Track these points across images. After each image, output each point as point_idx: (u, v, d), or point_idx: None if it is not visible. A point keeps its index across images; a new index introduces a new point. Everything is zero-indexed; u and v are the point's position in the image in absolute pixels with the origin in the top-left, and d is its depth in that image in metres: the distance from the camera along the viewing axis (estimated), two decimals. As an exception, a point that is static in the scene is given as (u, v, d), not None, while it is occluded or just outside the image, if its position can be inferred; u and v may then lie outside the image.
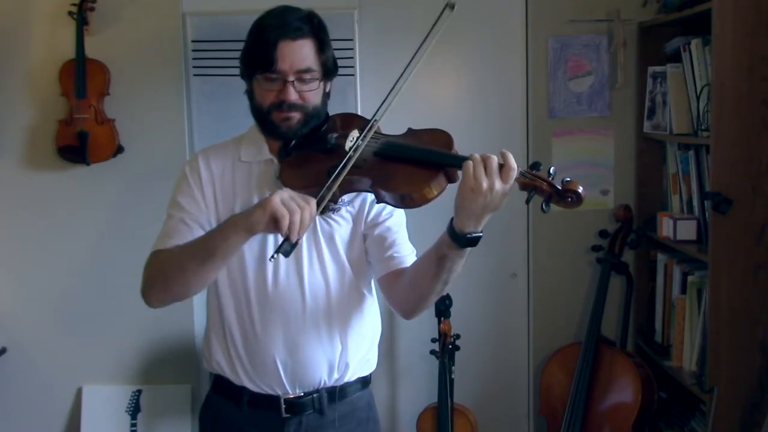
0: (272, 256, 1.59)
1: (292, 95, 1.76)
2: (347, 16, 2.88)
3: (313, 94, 1.80)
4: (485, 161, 1.55)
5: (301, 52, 1.76)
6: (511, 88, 3.07)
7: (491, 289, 3.13)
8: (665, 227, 2.77)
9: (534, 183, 1.58)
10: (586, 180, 3.01)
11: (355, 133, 1.79)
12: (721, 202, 2.31)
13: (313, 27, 1.80)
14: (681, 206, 2.79)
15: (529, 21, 3.02)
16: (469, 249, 1.64)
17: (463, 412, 2.99)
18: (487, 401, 3.15)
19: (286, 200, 1.59)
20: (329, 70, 1.84)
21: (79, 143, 2.83)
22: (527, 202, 1.61)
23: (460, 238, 1.60)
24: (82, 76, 2.82)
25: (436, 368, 2.90)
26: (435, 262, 1.68)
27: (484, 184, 1.53)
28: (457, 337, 2.89)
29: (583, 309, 3.08)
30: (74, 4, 2.82)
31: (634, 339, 3.08)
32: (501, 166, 1.55)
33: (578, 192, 1.57)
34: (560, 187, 1.57)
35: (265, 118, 1.80)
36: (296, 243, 1.59)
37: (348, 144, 1.77)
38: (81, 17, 2.81)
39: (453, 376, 2.89)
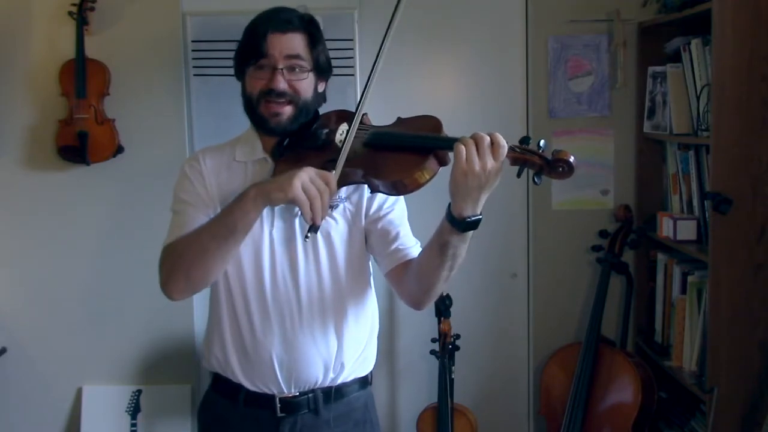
0: (306, 238, 1.68)
1: (281, 83, 1.77)
2: (347, 16, 2.87)
3: (303, 85, 1.80)
4: (477, 141, 1.54)
5: (291, 42, 1.78)
6: (511, 88, 3.06)
7: (491, 289, 3.12)
8: (665, 227, 2.76)
9: (524, 157, 1.57)
10: (586, 180, 3.05)
11: (344, 126, 1.80)
12: (721, 202, 2.30)
13: (304, 23, 1.82)
14: (681, 206, 2.79)
15: (529, 21, 3.02)
16: (471, 233, 1.63)
17: (463, 412, 2.99)
18: (487, 401, 3.15)
19: (306, 185, 1.61)
20: (321, 67, 1.85)
21: (79, 143, 2.83)
22: (518, 175, 1.59)
23: (459, 223, 1.59)
24: (82, 76, 2.82)
25: (436, 368, 2.90)
26: (438, 250, 1.68)
27: (477, 166, 1.52)
28: (457, 337, 2.89)
29: (583, 309, 3.08)
30: (74, 4, 2.82)
31: (634, 339, 3.08)
32: (491, 145, 1.54)
33: (569, 161, 1.54)
34: (550, 158, 1.55)
35: (255, 110, 1.81)
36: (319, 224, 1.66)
37: (338, 137, 1.79)
38: (81, 17, 2.81)
39: (453, 376, 2.89)
